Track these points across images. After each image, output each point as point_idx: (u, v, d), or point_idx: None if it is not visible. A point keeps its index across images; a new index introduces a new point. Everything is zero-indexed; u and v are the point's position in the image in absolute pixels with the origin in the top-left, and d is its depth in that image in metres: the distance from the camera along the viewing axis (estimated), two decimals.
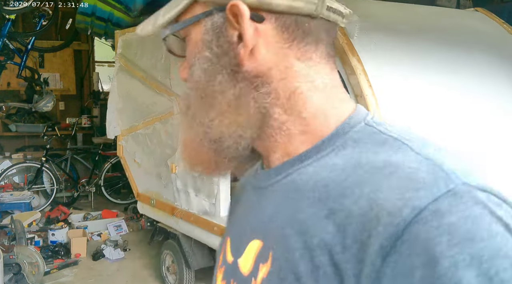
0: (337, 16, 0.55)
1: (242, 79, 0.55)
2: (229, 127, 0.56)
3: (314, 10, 0.53)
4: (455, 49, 2.53)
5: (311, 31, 0.54)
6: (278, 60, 0.54)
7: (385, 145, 0.50)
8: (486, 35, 2.80)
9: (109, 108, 4.11)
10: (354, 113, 0.55)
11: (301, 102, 0.54)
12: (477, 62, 2.55)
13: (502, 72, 2.61)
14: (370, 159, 0.49)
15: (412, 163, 0.46)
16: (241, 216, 0.66)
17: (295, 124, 0.55)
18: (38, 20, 5.41)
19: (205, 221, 3.12)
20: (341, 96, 0.57)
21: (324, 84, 0.55)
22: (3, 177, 5.77)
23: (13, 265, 3.55)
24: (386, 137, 0.51)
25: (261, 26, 0.53)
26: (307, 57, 0.54)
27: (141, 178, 3.96)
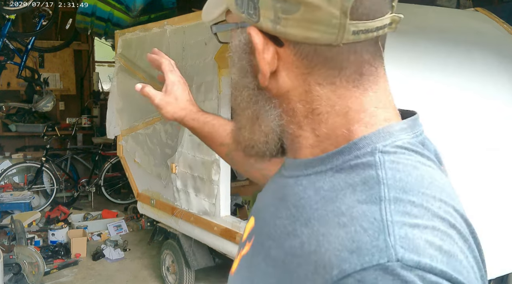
0: (374, 33, 0.51)
1: (261, 99, 0.57)
2: (250, 141, 0.59)
3: (334, 40, 0.50)
4: (455, 49, 2.53)
5: (333, 58, 0.51)
6: (298, 84, 0.54)
7: (364, 186, 0.48)
8: (486, 35, 2.80)
9: (109, 108, 4.11)
10: (369, 135, 0.52)
11: (317, 121, 0.54)
12: (477, 62, 2.55)
13: (502, 72, 2.61)
14: (344, 198, 0.48)
15: (366, 221, 0.45)
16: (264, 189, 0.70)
17: (307, 139, 0.56)
18: (38, 20, 5.40)
19: (205, 221, 3.12)
20: (366, 120, 0.53)
21: (346, 108, 0.53)
22: (3, 177, 5.77)
23: (13, 265, 3.55)
24: (372, 174, 0.49)
25: (281, 51, 0.53)
26: (329, 82, 0.52)
27: (141, 178, 3.96)
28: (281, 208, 0.55)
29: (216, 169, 2.97)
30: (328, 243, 0.45)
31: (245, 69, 0.56)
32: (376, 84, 0.54)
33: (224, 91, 2.94)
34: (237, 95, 0.59)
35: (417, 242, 0.43)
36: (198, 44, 3.10)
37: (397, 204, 0.46)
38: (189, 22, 3.18)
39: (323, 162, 0.53)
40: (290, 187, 0.56)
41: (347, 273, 0.42)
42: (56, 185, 5.81)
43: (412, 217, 0.45)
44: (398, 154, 0.51)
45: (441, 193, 0.49)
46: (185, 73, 3.39)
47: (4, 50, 5.43)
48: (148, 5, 4.66)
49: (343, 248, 0.44)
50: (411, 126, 0.54)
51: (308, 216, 0.50)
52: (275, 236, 0.53)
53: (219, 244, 3.05)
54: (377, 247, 0.43)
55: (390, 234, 0.43)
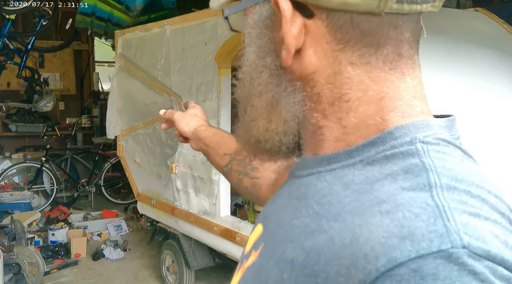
0: (419, 5, 0.44)
1: (282, 82, 0.50)
2: (264, 133, 0.52)
3: (376, 7, 0.43)
4: (455, 49, 2.53)
5: (372, 31, 0.44)
6: (327, 63, 0.46)
7: (407, 174, 0.41)
8: (486, 35, 2.80)
9: (109, 108, 4.11)
10: (406, 124, 0.45)
11: (345, 109, 0.47)
12: (477, 62, 2.55)
13: (502, 72, 2.61)
14: (382, 187, 0.41)
15: (415, 207, 0.38)
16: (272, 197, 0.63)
17: (332, 131, 0.48)
18: (38, 20, 5.40)
19: (205, 221, 3.12)
20: (403, 109, 0.46)
21: (381, 94, 0.46)
22: (3, 177, 5.77)
23: (13, 265, 3.55)
24: (416, 162, 0.42)
25: (310, 23, 0.46)
26: (363, 61, 0.45)
27: (141, 178, 3.96)
28: (300, 207, 0.48)
29: None
30: (369, 232, 0.38)
31: (266, 47, 0.49)
32: (413, 70, 0.48)
33: (224, 91, 2.94)
34: (254, 78, 0.51)
35: (482, 231, 0.37)
36: (198, 44, 3.10)
37: (450, 192, 0.39)
38: (189, 22, 3.18)
39: (351, 154, 0.46)
40: (311, 185, 0.49)
41: (399, 261, 0.35)
42: (56, 185, 5.81)
43: (470, 206, 0.38)
44: (441, 146, 0.44)
45: (494, 189, 0.42)
46: (185, 73, 3.41)
47: (4, 50, 5.43)
48: (148, 5, 4.66)
49: (390, 234, 0.37)
50: (448, 127, 0.48)
51: (337, 211, 0.43)
52: (293, 237, 0.46)
53: (219, 244, 3.05)
54: (435, 232, 0.36)
55: (450, 220, 0.36)
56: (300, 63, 0.48)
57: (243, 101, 0.54)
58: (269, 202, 0.59)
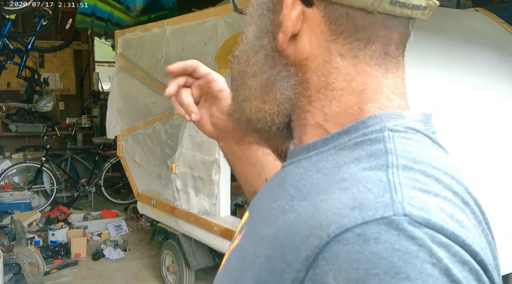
0: (409, 10, 0.47)
1: (277, 64, 0.52)
2: (257, 113, 0.55)
3: (370, 5, 0.46)
4: (455, 49, 2.53)
5: (364, 27, 0.47)
6: (318, 52, 0.49)
7: (371, 158, 0.44)
8: (486, 35, 2.80)
9: (109, 108, 4.11)
10: (379, 114, 0.48)
11: (329, 98, 0.50)
12: (477, 62, 2.55)
13: (502, 72, 2.61)
14: (348, 169, 0.44)
15: (370, 183, 0.41)
16: None
17: (314, 116, 0.51)
18: (38, 20, 5.41)
19: (205, 221, 3.12)
20: (381, 101, 0.49)
21: (364, 86, 0.49)
22: (3, 177, 5.77)
23: (13, 265, 3.55)
24: (380, 147, 0.45)
25: (309, 12, 0.49)
26: (352, 54, 0.48)
27: (141, 178, 3.96)
28: (278, 192, 0.51)
29: (216, 169, 2.97)
30: (327, 205, 0.41)
31: (265, 28, 0.52)
32: (397, 70, 0.50)
33: None
34: (250, 57, 0.54)
35: (428, 203, 0.40)
36: (198, 44, 3.10)
37: (405, 171, 0.42)
38: (189, 22, 3.18)
39: (327, 142, 0.49)
40: (289, 171, 0.52)
41: (346, 227, 0.38)
42: (56, 185, 5.81)
43: (422, 184, 0.41)
44: (409, 134, 0.47)
45: (453, 172, 0.45)
46: None
47: (4, 50, 5.43)
48: (148, 5, 4.66)
49: (343, 205, 0.40)
50: (424, 121, 0.50)
51: (308, 191, 0.46)
52: (270, 219, 0.48)
53: (219, 244, 3.05)
54: (382, 202, 0.39)
55: (398, 193, 0.40)
56: (295, 49, 0.50)
57: (237, 79, 0.57)
58: (258, 193, 0.62)
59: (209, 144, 3.02)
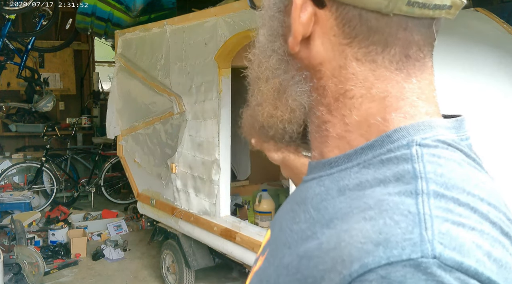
0: (431, 10, 0.44)
1: (290, 69, 0.49)
2: (269, 119, 0.52)
3: (384, 7, 0.43)
4: (455, 49, 2.53)
5: (379, 29, 0.44)
6: (333, 56, 0.46)
7: (398, 182, 0.41)
8: (486, 35, 2.80)
9: (109, 108, 4.11)
10: (405, 126, 0.44)
11: (349, 106, 0.47)
12: (477, 62, 2.55)
13: (502, 72, 2.61)
14: (373, 193, 0.41)
15: (397, 214, 0.38)
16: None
17: (335, 127, 0.48)
18: (38, 20, 5.40)
19: (205, 221, 3.12)
20: (406, 109, 0.46)
21: (385, 93, 0.45)
22: (3, 177, 5.77)
23: (13, 265, 3.55)
24: (408, 168, 0.41)
25: (321, 13, 0.46)
26: (369, 59, 0.45)
27: (141, 178, 3.96)
28: (299, 212, 0.48)
29: (216, 169, 2.97)
30: (350, 237, 0.38)
31: (276, 30, 0.49)
32: (422, 72, 0.47)
33: (224, 91, 2.94)
34: (262, 61, 0.51)
35: (462, 241, 0.36)
36: (198, 44, 3.10)
37: (437, 199, 0.38)
38: (189, 22, 3.18)
39: (350, 158, 0.46)
40: (311, 189, 0.49)
41: (369, 267, 0.35)
42: (56, 185, 5.81)
43: (456, 215, 0.38)
44: (439, 149, 0.43)
45: (489, 196, 0.41)
46: (185, 73, 3.41)
47: (4, 50, 5.43)
48: (148, 5, 4.66)
49: (367, 240, 0.37)
50: (456, 127, 0.47)
51: (331, 217, 0.43)
52: (291, 243, 0.46)
53: (219, 244, 3.05)
54: (409, 240, 0.36)
55: (428, 228, 0.36)
56: (308, 52, 0.48)
57: (252, 84, 0.54)
58: (281, 207, 0.59)
59: (209, 144, 3.02)
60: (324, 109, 0.49)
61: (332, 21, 0.46)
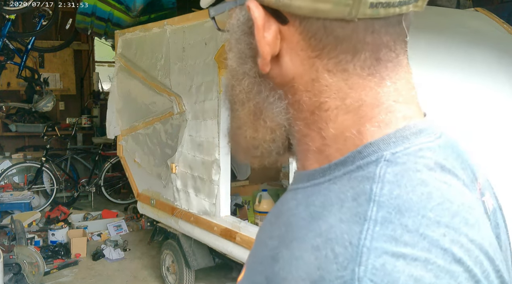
0: (397, 8, 0.42)
1: (264, 89, 0.48)
2: (252, 141, 0.51)
3: (347, 14, 0.41)
4: (455, 49, 2.53)
5: (346, 37, 0.43)
6: (303, 70, 0.45)
7: (354, 202, 0.40)
8: (486, 35, 2.80)
9: (109, 108, 4.11)
10: (376, 141, 0.44)
11: (325, 119, 0.46)
12: (477, 62, 2.55)
13: (501, 72, 2.61)
14: (329, 215, 0.41)
15: (339, 245, 0.38)
16: None
17: (313, 141, 0.48)
18: (38, 20, 5.40)
19: (205, 221, 3.12)
20: (380, 118, 0.45)
21: (359, 102, 0.45)
22: (3, 177, 5.77)
23: (13, 265, 3.55)
24: (366, 189, 0.41)
25: (285, 29, 0.45)
26: (340, 68, 0.44)
27: (141, 178, 3.96)
28: (275, 226, 0.48)
29: (216, 169, 2.97)
30: (296, 269, 0.39)
31: (244, 53, 0.48)
32: (396, 73, 0.46)
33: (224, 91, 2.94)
34: (235, 85, 0.50)
35: (396, 276, 0.35)
36: (198, 44, 3.10)
37: (383, 227, 0.38)
38: (189, 22, 3.18)
39: (324, 173, 0.45)
40: (286, 202, 0.49)
41: None
42: (56, 185, 5.81)
43: (400, 244, 0.37)
44: (407, 165, 0.42)
45: (451, 217, 0.39)
46: (185, 73, 3.41)
47: (4, 50, 5.43)
48: (148, 5, 4.66)
49: (307, 276, 0.37)
50: (429, 127, 0.46)
51: (293, 236, 0.43)
52: (263, 259, 0.46)
53: (219, 244, 3.05)
54: (341, 278, 0.36)
55: (362, 264, 0.36)
56: (279, 70, 0.47)
57: (230, 107, 0.54)
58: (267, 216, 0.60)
59: (209, 144, 3.02)
60: (301, 123, 0.48)
61: (297, 36, 0.45)
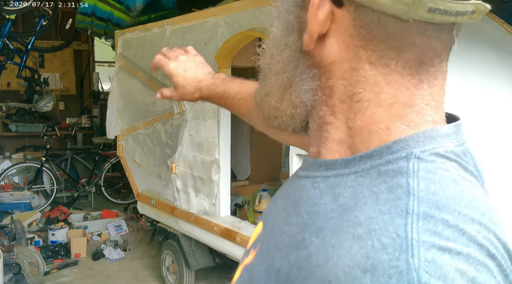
0: (453, 17, 0.42)
1: (301, 65, 0.49)
2: (274, 110, 0.52)
3: (404, 13, 0.41)
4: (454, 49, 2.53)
5: (396, 35, 0.43)
6: (346, 57, 0.45)
7: (390, 194, 0.41)
8: (486, 35, 2.80)
9: (109, 108, 4.11)
10: (406, 137, 0.44)
11: (354, 110, 0.46)
12: (477, 62, 2.55)
13: (502, 72, 2.61)
14: (364, 207, 0.41)
15: (385, 236, 0.38)
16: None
17: (336, 130, 0.48)
18: (38, 20, 5.40)
19: (205, 221, 3.12)
20: (411, 118, 0.45)
21: (393, 99, 0.45)
22: (3, 177, 5.77)
23: (13, 265, 3.55)
24: (402, 182, 0.41)
25: (338, 12, 0.45)
26: (382, 63, 0.44)
27: (141, 178, 3.96)
28: (292, 214, 0.48)
29: (216, 169, 2.97)
30: (338, 257, 0.39)
31: (292, 25, 0.48)
32: (435, 78, 0.47)
33: None
34: (274, 54, 0.50)
35: (446, 269, 0.36)
36: (198, 44, 3.09)
37: (426, 221, 0.38)
38: (189, 22, 3.18)
39: (348, 165, 0.46)
40: (305, 190, 0.49)
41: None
42: (56, 185, 5.81)
43: (444, 239, 0.38)
44: (436, 163, 0.43)
45: (481, 215, 0.41)
46: None
47: (4, 50, 5.43)
48: (148, 5, 4.66)
49: (355, 264, 0.37)
50: (455, 133, 0.46)
51: (321, 225, 0.43)
52: (282, 246, 0.47)
53: (219, 244, 3.05)
54: (396, 268, 0.36)
55: (415, 255, 0.36)
56: (321, 50, 0.47)
57: (263, 73, 0.54)
58: (273, 199, 0.59)
59: (209, 144, 3.02)
60: (327, 110, 0.48)
61: (349, 22, 0.44)
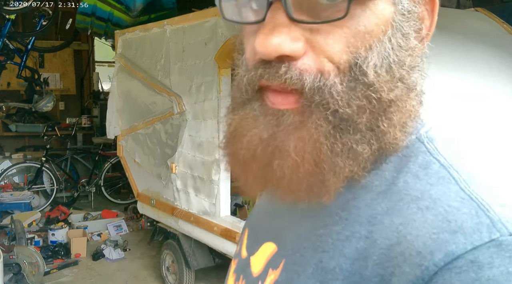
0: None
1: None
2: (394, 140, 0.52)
3: None
4: (455, 49, 2.53)
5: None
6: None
7: (427, 170, 0.43)
8: (486, 35, 2.80)
9: (109, 108, 4.11)
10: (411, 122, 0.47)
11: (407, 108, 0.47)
12: (477, 62, 2.55)
13: (502, 72, 2.61)
14: (408, 185, 0.43)
15: (453, 201, 0.39)
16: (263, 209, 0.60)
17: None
18: (38, 20, 5.40)
19: (205, 221, 3.12)
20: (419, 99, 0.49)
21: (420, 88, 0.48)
22: (3, 177, 5.77)
23: (13, 265, 3.55)
24: (431, 159, 0.44)
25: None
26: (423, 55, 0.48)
27: (141, 178, 3.96)
28: (321, 216, 0.47)
29: (216, 169, 2.97)
30: (416, 229, 0.39)
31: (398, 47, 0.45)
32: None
33: (224, 91, 2.94)
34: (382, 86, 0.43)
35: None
36: (198, 44, 3.10)
37: (474, 184, 0.41)
38: (189, 22, 3.18)
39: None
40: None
41: (456, 254, 0.36)
42: (56, 185, 5.81)
43: (495, 197, 0.40)
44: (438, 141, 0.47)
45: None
46: (185, 73, 3.40)
47: (4, 50, 5.43)
48: (148, 5, 4.66)
49: (439, 230, 0.38)
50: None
51: (369, 214, 0.43)
52: (325, 247, 0.45)
53: (219, 244, 3.05)
54: (482, 223, 0.37)
55: (489, 210, 0.38)
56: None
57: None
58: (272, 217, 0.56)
59: (209, 144, 3.02)
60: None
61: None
